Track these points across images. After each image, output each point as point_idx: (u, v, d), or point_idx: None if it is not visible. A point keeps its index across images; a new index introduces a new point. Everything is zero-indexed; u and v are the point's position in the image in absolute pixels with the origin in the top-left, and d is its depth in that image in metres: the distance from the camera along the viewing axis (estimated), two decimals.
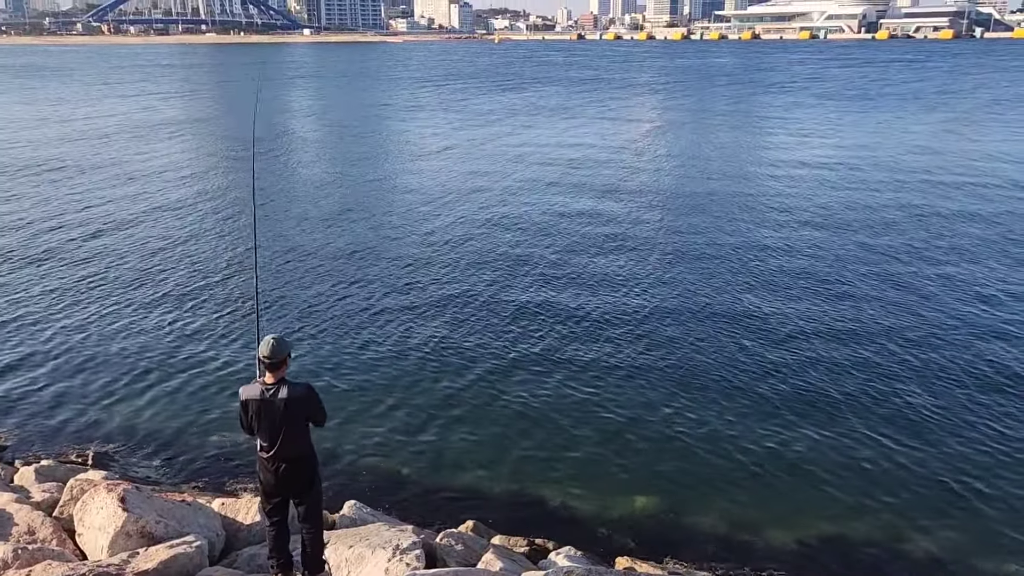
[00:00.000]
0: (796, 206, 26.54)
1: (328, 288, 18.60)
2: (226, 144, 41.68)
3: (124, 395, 13.53)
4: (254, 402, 6.22)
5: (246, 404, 6.29)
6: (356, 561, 7.66)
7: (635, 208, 26.59)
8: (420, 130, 47.54)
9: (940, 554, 9.55)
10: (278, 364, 6.20)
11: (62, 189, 29.76)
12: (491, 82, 76.29)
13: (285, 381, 6.24)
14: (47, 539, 7.73)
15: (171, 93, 68.32)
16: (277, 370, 6.21)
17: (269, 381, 6.23)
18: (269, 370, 6.22)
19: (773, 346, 15.18)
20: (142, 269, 20.13)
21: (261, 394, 6.20)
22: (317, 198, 28.53)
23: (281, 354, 6.20)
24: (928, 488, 10.74)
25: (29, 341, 15.63)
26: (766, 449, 11.68)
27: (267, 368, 6.22)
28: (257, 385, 6.27)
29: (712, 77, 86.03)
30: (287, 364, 6.30)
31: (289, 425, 6.20)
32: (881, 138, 42.05)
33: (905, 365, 14.32)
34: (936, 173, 32.04)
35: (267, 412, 6.18)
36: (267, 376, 6.24)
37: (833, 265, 20.15)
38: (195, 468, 11.50)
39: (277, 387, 6.18)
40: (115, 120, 51.27)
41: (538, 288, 18.65)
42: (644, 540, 9.84)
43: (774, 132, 44.97)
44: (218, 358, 14.90)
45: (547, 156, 37.27)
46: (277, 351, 6.16)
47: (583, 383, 13.79)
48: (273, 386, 6.19)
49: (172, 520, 7.88)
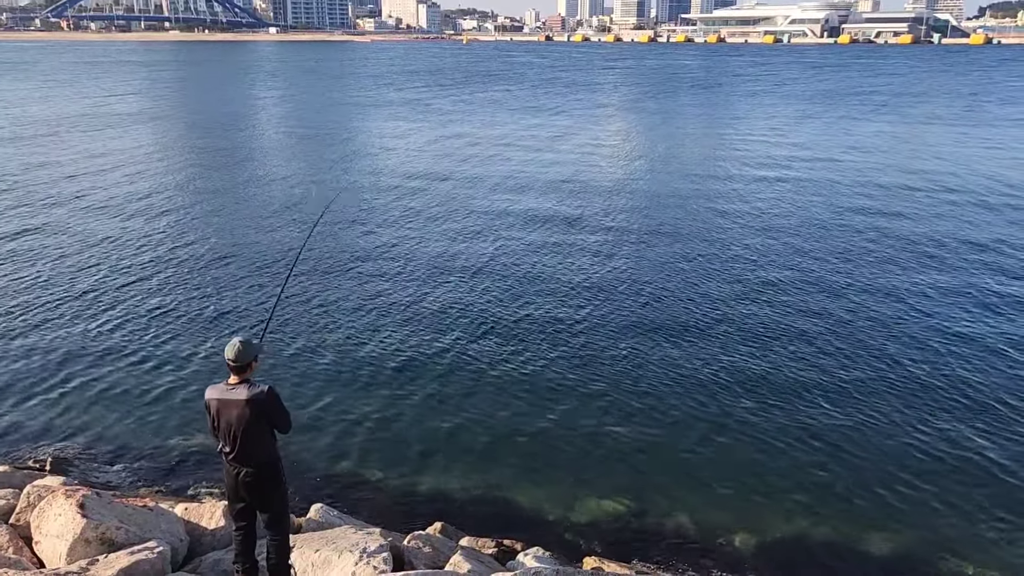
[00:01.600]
0: (758, 201, 26.90)
1: (288, 292, 18.41)
2: (180, 140, 41.08)
3: (83, 398, 13.24)
4: (215, 401, 6.15)
5: (208, 404, 6.21)
6: (322, 565, 7.59)
7: (601, 207, 26.72)
8: (381, 129, 47.28)
9: (902, 554, 9.73)
10: (243, 368, 6.12)
11: (20, 188, 29.08)
12: (459, 81, 76.18)
13: (247, 381, 6.16)
14: (3, 547, 7.53)
15: (137, 90, 67.17)
16: (242, 373, 6.14)
17: (232, 381, 6.15)
18: (234, 373, 6.16)
19: (739, 349, 15.35)
20: (101, 270, 19.74)
21: (222, 392, 6.13)
22: (272, 199, 28.23)
23: (247, 357, 6.11)
24: (891, 489, 10.93)
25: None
26: (731, 452, 11.80)
27: (232, 371, 6.15)
28: (220, 386, 6.20)
29: (677, 78, 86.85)
30: (253, 368, 6.21)
31: (249, 426, 6.11)
32: (839, 138, 42.80)
33: (873, 367, 14.57)
34: (900, 173, 32.68)
35: (226, 412, 6.09)
36: (232, 378, 6.17)
37: (804, 264, 20.45)
38: (157, 472, 11.30)
39: (238, 387, 6.11)
40: (74, 114, 50.23)
41: (500, 290, 18.65)
42: (611, 541, 9.89)
43: (737, 131, 45.51)
44: (181, 360, 14.67)
45: (517, 156, 37.30)
46: (243, 354, 6.07)
47: (550, 386, 13.81)
48: (235, 386, 6.11)
49: (133, 526, 7.73)
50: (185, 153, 37.59)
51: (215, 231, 23.25)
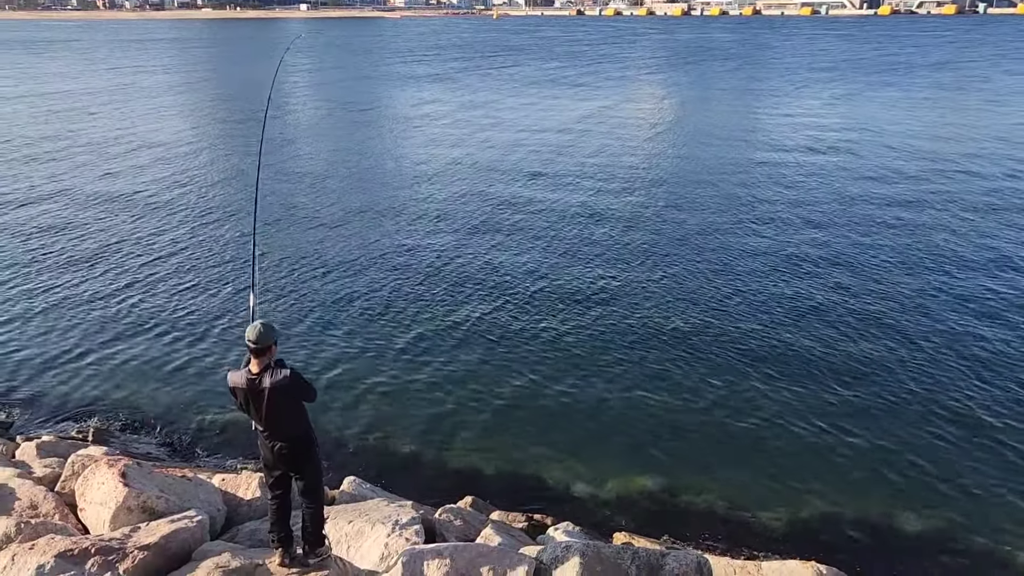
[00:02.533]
0: (800, 181, 26.46)
1: (328, 267, 18.59)
2: (223, 119, 41.41)
3: (124, 373, 13.57)
4: (241, 390, 6.22)
5: (234, 391, 6.30)
6: (356, 536, 7.74)
7: (638, 185, 26.48)
8: (408, 102, 47.17)
9: (934, 533, 9.67)
10: (263, 350, 6.15)
11: (62, 165, 29.61)
12: (487, 56, 75.73)
13: (269, 367, 6.21)
14: (49, 513, 7.78)
15: (170, 67, 67.86)
16: (262, 356, 6.16)
17: (254, 369, 6.17)
18: (254, 355, 6.18)
19: (775, 329, 15.21)
20: (144, 248, 20.09)
21: (247, 383, 6.18)
22: (320, 177, 28.39)
23: (267, 340, 6.15)
24: (922, 469, 10.84)
25: (30, 321, 15.64)
26: (763, 431, 11.76)
27: (252, 353, 6.18)
28: (243, 372, 6.25)
29: (710, 52, 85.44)
30: (272, 351, 6.24)
31: (279, 410, 6.20)
32: (889, 114, 41.79)
33: (909, 347, 14.37)
34: (947, 151, 31.86)
35: (253, 398, 6.18)
36: (252, 363, 6.22)
37: (844, 244, 20.12)
38: (195, 445, 11.58)
39: (261, 375, 6.16)
40: (110, 89, 50.91)
41: (535, 266, 18.64)
42: (641, 517, 9.95)
43: (771, 107, 44.67)
44: (217, 337, 14.94)
45: (552, 132, 37.04)
46: (263, 337, 6.12)
47: (582, 363, 13.84)
48: (257, 375, 6.16)
49: (173, 495, 7.93)
50: (214, 127, 37.91)
51: (248, 202, 23.49)
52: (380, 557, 7.36)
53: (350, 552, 7.52)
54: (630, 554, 6.98)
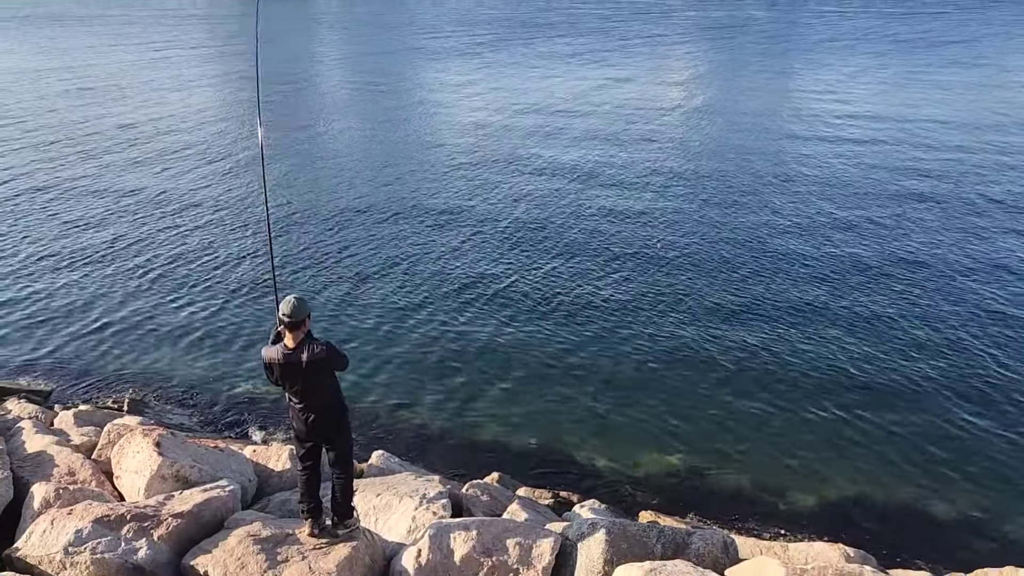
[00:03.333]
0: (832, 161, 26.01)
1: (355, 241, 18.68)
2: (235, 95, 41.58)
3: (158, 346, 13.81)
4: (277, 365, 6.30)
5: (269, 366, 6.38)
6: (384, 508, 7.84)
7: (658, 162, 26.20)
8: (434, 78, 46.90)
9: (960, 517, 9.59)
10: (298, 324, 6.22)
11: (95, 140, 30.00)
12: (515, 31, 75.13)
13: (305, 341, 6.28)
14: (87, 480, 7.98)
15: (201, 42, 68.21)
16: (297, 329, 6.23)
17: (290, 344, 6.25)
18: (289, 329, 6.24)
19: (811, 314, 15.02)
20: (173, 224, 20.33)
21: (283, 357, 6.26)
22: (337, 153, 28.47)
23: (301, 314, 6.23)
24: (952, 453, 10.72)
25: (67, 294, 15.94)
26: (793, 414, 11.67)
27: (287, 327, 6.24)
28: (279, 348, 6.32)
29: (742, 30, 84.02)
30: (307, 324, 6.32)
31: (314, 382, 6.31)
32: (930, 94, 40.68)
33: (944, 334, 14.14)
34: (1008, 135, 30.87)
35: (289, 372, 6.27)
36: (288, 337, 6.28)
37: (892, 240, 19.76)
38: (227, 416, 11.78)
39: (297, 349, 6.23)
40: (142, 65, 51.32)
41: (569, 244, 18.56)
42: (667, 496, 9.96)
43: (809, 88, 43.74)
44: (248, 311, 15.12)
45: (571, 108, 36.71)
46: (298, 311, 6.20)
47: (612, 342, 13.81)
48: (294, 350, 6.23)
49: (206, 465, 8.09)
50: (245, 103, 38.08)
51: (282, 178, 23.63)
52: (407, 530, 7.45)
53: (378, 524, 7.63)
54: (656, 532, 6.99)
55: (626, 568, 6.35)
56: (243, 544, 6.49)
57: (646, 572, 6.15)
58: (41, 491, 7.38)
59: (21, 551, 6.51)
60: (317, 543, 6.58)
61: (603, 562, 6.57)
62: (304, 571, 6.24)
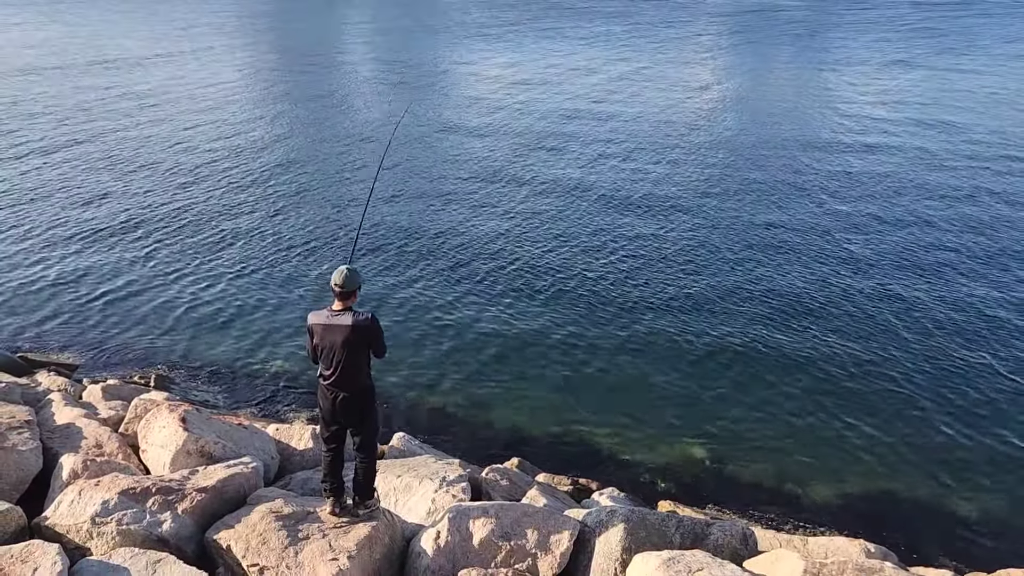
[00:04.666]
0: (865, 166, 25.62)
1: (386, 225, 18.74)
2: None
3: (186, 324, 13.99)
4: (319, 326, 6.41)
5: (311, 329, 6.48)
6: (404, 490, 7.89)
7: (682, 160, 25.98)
8: (455, 60, 46.80)
9: (982, 514, 9.50)
10: (348, 294, 6.39)
11: (143, 121, 30.31)
12: (532, 16, 74.64)
13: (351, 309, 6.40)
14: (114, 453, 8.11)
15: (217, 21, 68.52)
16: (346, 300, 6.41)
17: (336, 307, 6.39)
18: (339, 299, 6.42)
19: (829, 310, 14.88)
20: (207, 202, 20.52)
21: (327, 318, 6.38)
22: (370, 138, 28.51)
23: (353, 284, 6.39)
24: (973, 452, 10.61)
25: (98, 271, 16.16)
26: (817, 408, 11.58)
27: (337, 297, 6.42)
28: (325, 312, 6.45)
29: (772, 21, 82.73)
30: (356, 296, 6.46)
31: (350, 352, 6.35)
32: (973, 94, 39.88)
33: (970, 335, 13.94)
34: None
35: (330, 337, 6.35)
36: (335, 303, 6.41)
37: (925, 234, 19.47)
38: (251, 395, 11.91)
39: (342, 313, 6.36)
40: (159, 42, 51.70)
41: (594, 238, 18.50)
42: (687, 487, 9.96)
43: (843, 86, 43.02)
44: (273, 292, 15.26)
45: (606, 103, 36.44)
46: (349, 281, 6.36)
47: (633, 333, 13.77)
48: (339, 312, 6.37)
49: (230, 442, 8.18)
50: (266, 83, 38.23)
51: (301, 156, 23.74)
52: (427, 512, 7.50)
53: (398, 505, 7.68)
54: (675, 522, 6.98)
55: (644, 557, 6.34)
56: (265, 520, 6.57)
57: (664, 561, 6.14)
58: (69, 462, 7.51)
59: (50, 520, 6.64)
60: (338, 522, 6.64)
61: (621, 550, 6.57)
62: (324, 549, 6.30)
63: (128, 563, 6.07)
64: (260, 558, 6.29)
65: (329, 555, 6.23)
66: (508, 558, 6.54)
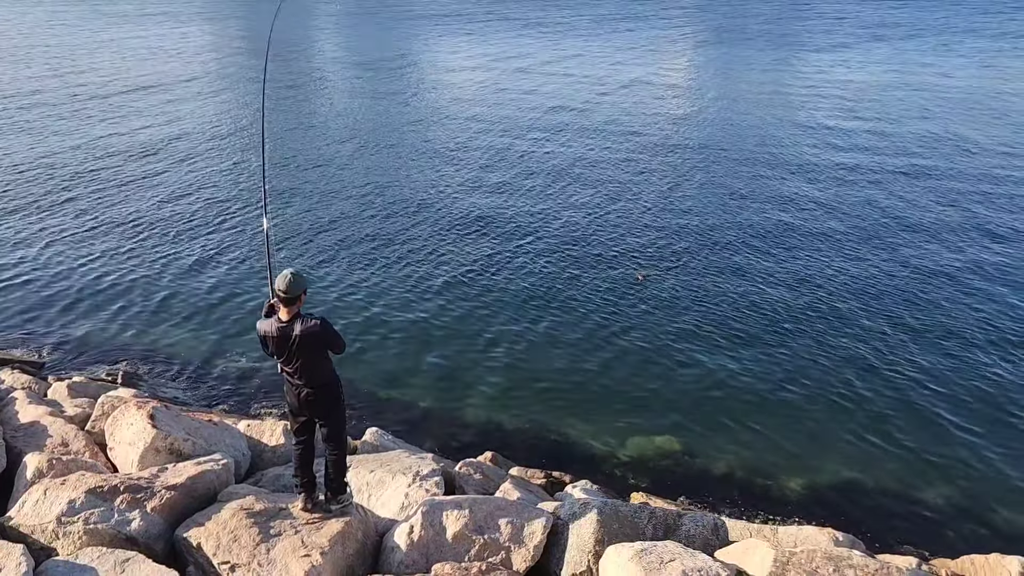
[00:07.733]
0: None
1: (348, 221, 18.62)
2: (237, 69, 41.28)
3: (152, 320, 13.79)
4: (271, 337, 6.29)
5: (264, 338, 6.37)
6: (377, 485, 7.86)
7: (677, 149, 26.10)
8: (448, 60, 46.61)
9: (948, 502, 9.69)
10: (293, 299, 6.21)
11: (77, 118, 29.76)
12: (512, 7, 74.50)
13: (299, 316, 6.27)
14: (80, 451, 7.98)
15: (214, 19, 67.57)
16: (292, 305, 6.22)
17: (284, 317, 6.24)
18: (284, 304, 6.23)
19: (800, 298, 15.06)
20: (170, 199, 20.24)
21: (277, 330, 6.25)
22: (333, 129, 28.29)
23: (297, 290, 6.20)
24: (940, 440, 10.80)
25: (61, 268, 15.87)
26: (783, 399, 11.73)
27: (283, 302, 6.23)
28: (273, 321, 6.31)
29: (742, 21, 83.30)
30: (302, 300, 6.30)
31: (307, 357, 6.27)
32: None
33: (936, 324, 14.19)
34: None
35: (283, 345, 6.24)
36: (282, 311, 6.27)
37: (888, 226, 19.77)
38: (221, 391, 11.78)
39: (291, 323, 6.21)
40: (157, 47, 50.82)
41: (562, 227, 18.54)
42: (658, 479, 10.03)
43: (816, 89, 43.36)
44: (242, 285, 15.09)
45: (580, 92, 36.48)
46: (293, 286, 6.16)
47: (603, 324, 13.83)
48: (288, 323, 6.22)
49: (200, 439, 8.09)
50: (245, 77, 37.79)
51: (280, 154, 23.50)
52: (400, 507, 7.48)
53: (371, 501, 7.65)
54: (647, 513, 7.03)
55: (617, 548, 6.38)
56: (236, 517, 6.51)
57: (637, 552, 6.18)
58: (34, 461, 7.37)
59: (14, 520, 6.51)
60: (310, 518, 6.60)
61: (594, 541, 6.61)
62: (297, 545, 6.26)
63: (95, 563, 5.98)
64: (231, 556, 6.23)
65: (301, 551, 6.19)
66: (482, 551, 6.55)
